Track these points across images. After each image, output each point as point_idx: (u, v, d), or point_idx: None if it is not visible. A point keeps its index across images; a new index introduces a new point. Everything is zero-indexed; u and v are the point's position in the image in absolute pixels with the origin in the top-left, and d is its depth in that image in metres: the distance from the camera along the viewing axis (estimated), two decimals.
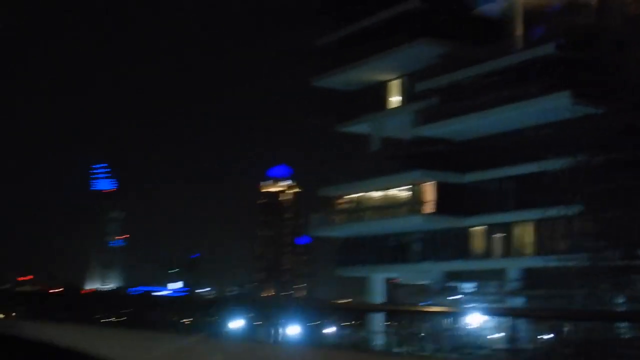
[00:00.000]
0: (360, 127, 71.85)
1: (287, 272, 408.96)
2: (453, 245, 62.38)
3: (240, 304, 59.94)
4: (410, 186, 63.46)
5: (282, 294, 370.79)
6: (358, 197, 68.77)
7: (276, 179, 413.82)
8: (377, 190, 66.90)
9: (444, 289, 64.04)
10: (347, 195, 69.61)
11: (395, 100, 68.82)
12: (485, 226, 60.36)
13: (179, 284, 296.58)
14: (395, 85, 68.66)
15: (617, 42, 52.02)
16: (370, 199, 67.67)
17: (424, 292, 67.71)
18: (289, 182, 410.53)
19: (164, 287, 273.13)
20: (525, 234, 57.86)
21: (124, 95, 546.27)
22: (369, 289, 70.47)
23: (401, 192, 64.84)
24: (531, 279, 57.39)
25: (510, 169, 57.93)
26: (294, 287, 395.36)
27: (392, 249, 67.42)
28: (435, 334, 40.28)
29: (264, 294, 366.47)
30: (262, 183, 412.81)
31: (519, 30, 59.45)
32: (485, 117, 57.60)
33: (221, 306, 56.24)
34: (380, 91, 69.60)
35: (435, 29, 61.64)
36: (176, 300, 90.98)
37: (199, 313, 55.69)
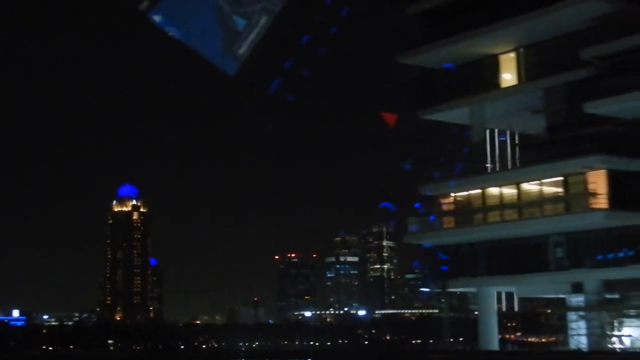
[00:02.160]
0: (453, 113, 59.47)
1: (137, 294, 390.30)
2: (624, 247, 50.76)
3: None
4: (562, 178, 51.57)
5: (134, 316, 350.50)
6: (473, 194, 56.23)
7: (122, 199, 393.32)
8: (504, 185, 54.61)
9: (604, 301, 52.67)
10: (458, 193, 56.92)
11: (508, 77, 56.96)
12: None
13: (15, 312, 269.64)
14: (509, 59, 56.78)
15: None
16: (495, 196, 55.23)
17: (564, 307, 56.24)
18: (134, 202, 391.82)
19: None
20: None
21: None
22: (482, 305, 58.10)
23: (546, 187, 52.88)
24: None
25: None
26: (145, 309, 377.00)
27: (516, 256, 55.26)
28: None
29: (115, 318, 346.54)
30: (113, 203, 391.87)
31: None
32: None
33: None
34: (486, 68, 57.61)
35: None
36: None
37: None
